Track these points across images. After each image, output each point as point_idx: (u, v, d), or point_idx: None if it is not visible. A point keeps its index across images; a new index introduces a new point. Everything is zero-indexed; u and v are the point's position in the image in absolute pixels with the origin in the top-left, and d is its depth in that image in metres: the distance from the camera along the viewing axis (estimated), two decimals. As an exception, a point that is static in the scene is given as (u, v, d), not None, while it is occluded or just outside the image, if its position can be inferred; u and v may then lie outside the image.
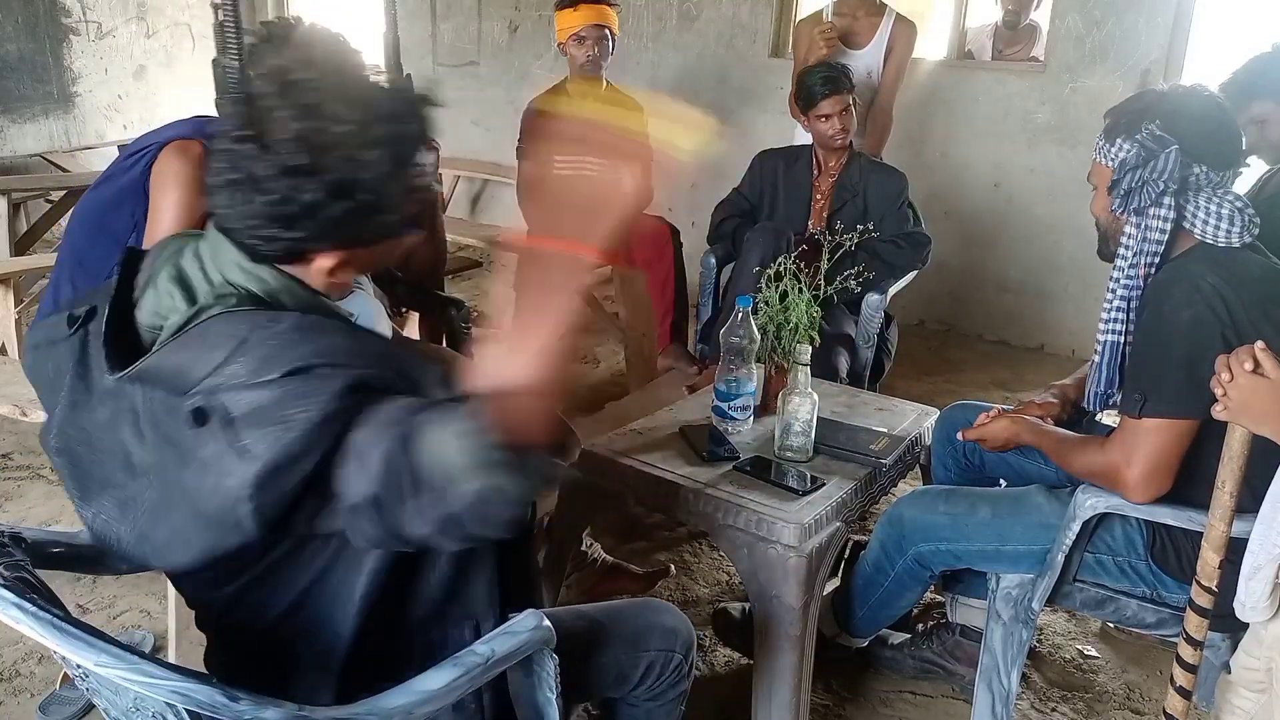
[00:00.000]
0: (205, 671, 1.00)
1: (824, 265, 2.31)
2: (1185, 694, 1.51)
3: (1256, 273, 1.65)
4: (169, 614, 2.01)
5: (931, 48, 4.95)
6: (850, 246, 2.43)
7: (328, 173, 1.01)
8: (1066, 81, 4.23)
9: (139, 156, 1.79)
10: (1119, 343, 1.75)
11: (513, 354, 0.88)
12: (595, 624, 1.42)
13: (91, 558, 1.28)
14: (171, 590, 1.98)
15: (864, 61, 3.58)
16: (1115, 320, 1.75)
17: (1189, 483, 1.64)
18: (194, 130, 1.79)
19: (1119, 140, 1.69)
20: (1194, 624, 1.48)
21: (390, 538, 0.97)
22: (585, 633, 1.39)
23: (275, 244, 1.05)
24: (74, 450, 1.13)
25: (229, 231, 1.07)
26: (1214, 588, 1.45)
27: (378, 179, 1.04)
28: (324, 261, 1.09)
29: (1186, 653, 1.50)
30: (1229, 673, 1.52)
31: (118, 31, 6.02)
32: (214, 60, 1.77)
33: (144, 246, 1.67)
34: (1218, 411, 1.39)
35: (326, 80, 1.03)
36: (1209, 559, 1.45)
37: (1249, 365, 1.34)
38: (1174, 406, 1.59)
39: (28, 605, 0.91)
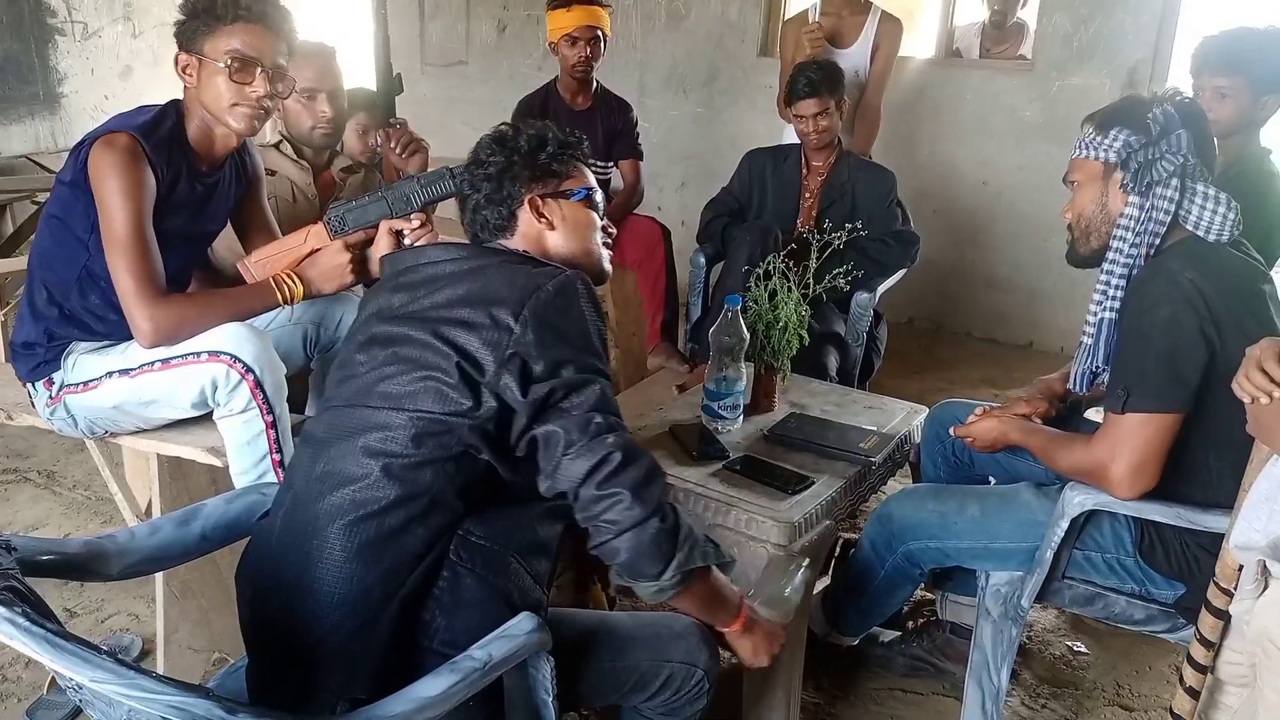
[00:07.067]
0: (200, 685, 1.00)
1: (813, 264, 2.31)
2: (1194, 694, 1.51)
3: (1236, 267, 1.67)
4: (158, 618, 2.00)
5: (919, 46, 4.96)
6: (839, 245, 2.43)
7: None
8: (1054, 80, 4.24)
9: (77, 155, 1.79)
10: (1114, 319, 1.74)
11: None
12: (619, 628, 1.44)
13: (81, 565, 1.27)
14: (160, 594, 1.97)
15: (851, 60, 3.58)
16: (1114, 299, 1.74)
17: (1176, 478, 1.65)
18: (121, 123, 1.79)
19: (1115, 130, 1.70)
20: (1209, 625, 1.47)
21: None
22: (608, 636, 1.41)
23: None
24: None
25: None
26: (1232, 589, 1.45)
27: None
28: None
29: (1199, 653, 1.49)
30: (1214, 670, 1.52)
31: (104, 32, 5.98)
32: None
33: (103, 241, 1.67)
34: (1250, 428, 1.39)
35: None
36: (1229, 559, 1.44)
37: (1278, 394, 1.30)
38: (1156, 401, 1.60)
39: (20, 620, 0.89)
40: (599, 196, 1.54)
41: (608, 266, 1.56)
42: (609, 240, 1.56)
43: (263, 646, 1.31)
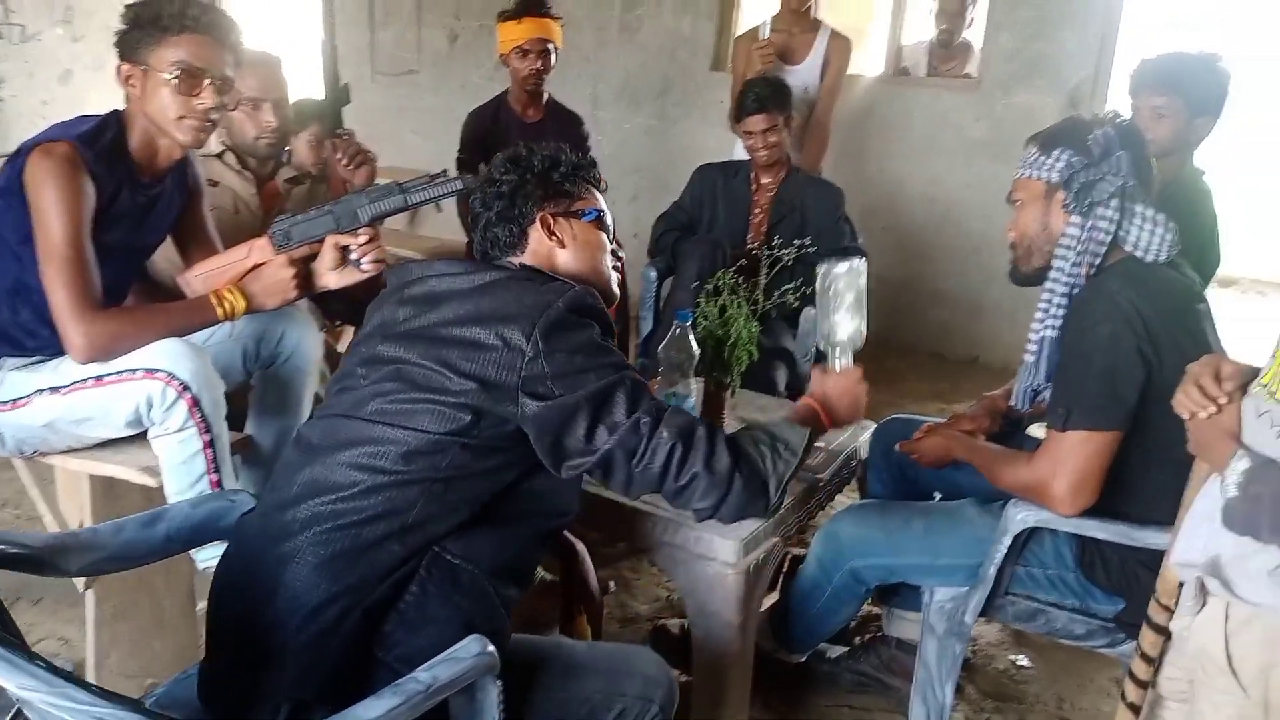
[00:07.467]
0: (133, 698, 0.97)
1: (762, 279, 2.32)
2: (1135, 709, 1.53)
3: (1172, 287, 1.71)
4: (88, 641, 1.94)
5: (868, 64, 5.03)
6: (788, 261, 2.44)
7: None
8: (999, 98, 4.33)
9: (13, 163, 1.73)
10: (1056, 338, 1.77)
11: None
12: (574, 656, 1.42)
13: (42, 559, 1.26)
14: (91, 617, 1.91)
15: (801, 77, 3.62)
16: (1055, 317, 1.76)
17: (1115, 495, 1.67)
18: (60, 132, 1.74)
19: (1057, 151, 1.73)
20: (1150, 641, 1.49)
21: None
22: (562, 663, 1.39)
23: None
24: None
25: None
26: (1173, 605, 1.46)
27: None
28: None
29: (1140, 669, 1.51)
30: (1155, 686, 1.55)
31: (43, 35, 5.84)
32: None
33: (38, 252, 1.62)
34: (1190, 446, 1.41)
35: None
36: (1170, 576, 1.47)
37: (1212, 410, 1.32)
38: (1096, 419, 1.63)
39: None
40: (610, 220, 1.56)
41: (616, 289, 1.57)
42: (619, 264, 1.57)
43: (222, 643, 1.30)
